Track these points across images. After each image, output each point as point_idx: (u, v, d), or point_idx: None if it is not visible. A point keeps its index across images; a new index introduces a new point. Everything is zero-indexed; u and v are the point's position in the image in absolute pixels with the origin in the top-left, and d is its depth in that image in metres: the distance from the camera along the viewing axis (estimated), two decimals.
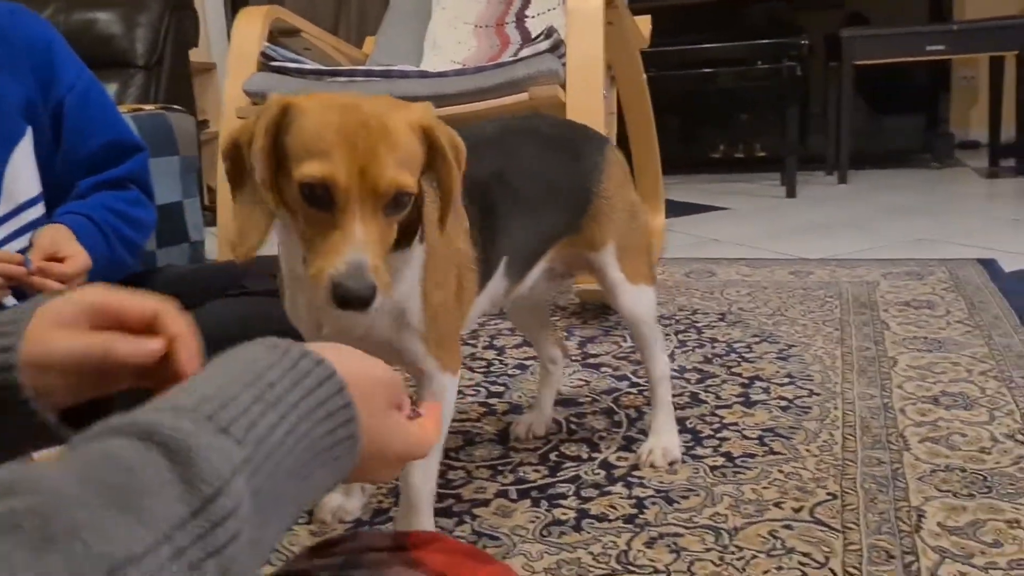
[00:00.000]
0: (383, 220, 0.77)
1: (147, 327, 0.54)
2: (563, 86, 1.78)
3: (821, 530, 1.05)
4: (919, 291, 2.03)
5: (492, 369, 1.72)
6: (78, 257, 1.21)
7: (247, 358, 0.43)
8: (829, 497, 1.12)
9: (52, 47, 1.28)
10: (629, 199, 1.22)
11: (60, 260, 1.19)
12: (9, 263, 1.14)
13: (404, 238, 0.85)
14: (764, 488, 1.16)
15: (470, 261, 0.99)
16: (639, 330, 1.25)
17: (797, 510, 1.10)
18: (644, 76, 2.39)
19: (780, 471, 1.21)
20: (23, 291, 1.20)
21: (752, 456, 1.26)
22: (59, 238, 1.23)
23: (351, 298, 0.72)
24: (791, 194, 3.54)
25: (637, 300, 1.22)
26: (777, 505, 1.11)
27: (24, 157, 1.25)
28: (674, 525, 1.09)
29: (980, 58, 4.06)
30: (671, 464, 1.25)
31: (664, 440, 1.28)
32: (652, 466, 1.25)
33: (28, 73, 1.24)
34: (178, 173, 2.28)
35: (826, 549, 1.01)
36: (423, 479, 0.99)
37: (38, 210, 1.29)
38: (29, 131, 1.26)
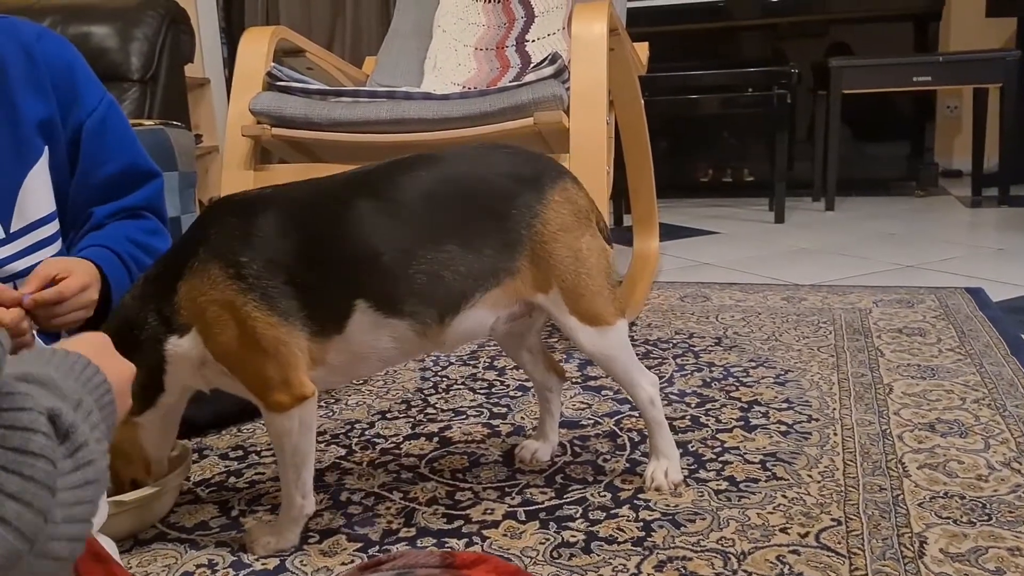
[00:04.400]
0: None
1: None
2: (567, 111, 1.81)
3: (828, 555, 1.07)
4: (910, 319, 2.07)
5: (494, 391, 1.73)
6: (77, 277, 1.19)
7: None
8: (833, 523, 1.14)
9: (75, 69, 1.29)
10: (574, 243, 1.16)
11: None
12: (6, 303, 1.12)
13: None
14: (769, 513, 1.18)
15: (245, 304, 1.06)
16: (607, 366, 1.24)
17: (803, 535, 1.12)
18: (642, 102, 2.43)
19: (784, 496, 1.23)
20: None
21: (755, 481, 1.28)
22: (68, 265, 1.21)
23: None
24: (779, 219, 3.59)
25: (596, 340, 1.19)
26: (783, 530, 1.13)
27: (40, 175, 1.26)
28: (682, 548, 1.10)
29: (965, 89, 4.14)
30: (675, 487, 1.27)
31: (665, 463, 1.30)
32: (657, 490, 1.26)
33: (50, 93, 1.25)
34: (177, 189, 2.28)
35: (833, 575, 1.03)
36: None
37: (51, 228, 1.30)
38: (46, 150, 1.26)
